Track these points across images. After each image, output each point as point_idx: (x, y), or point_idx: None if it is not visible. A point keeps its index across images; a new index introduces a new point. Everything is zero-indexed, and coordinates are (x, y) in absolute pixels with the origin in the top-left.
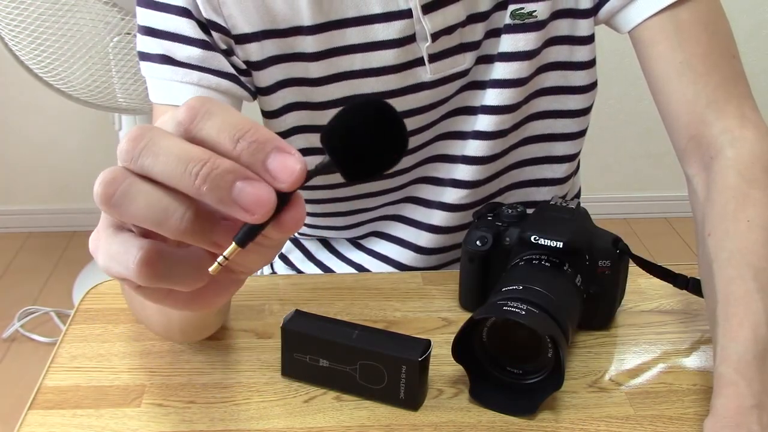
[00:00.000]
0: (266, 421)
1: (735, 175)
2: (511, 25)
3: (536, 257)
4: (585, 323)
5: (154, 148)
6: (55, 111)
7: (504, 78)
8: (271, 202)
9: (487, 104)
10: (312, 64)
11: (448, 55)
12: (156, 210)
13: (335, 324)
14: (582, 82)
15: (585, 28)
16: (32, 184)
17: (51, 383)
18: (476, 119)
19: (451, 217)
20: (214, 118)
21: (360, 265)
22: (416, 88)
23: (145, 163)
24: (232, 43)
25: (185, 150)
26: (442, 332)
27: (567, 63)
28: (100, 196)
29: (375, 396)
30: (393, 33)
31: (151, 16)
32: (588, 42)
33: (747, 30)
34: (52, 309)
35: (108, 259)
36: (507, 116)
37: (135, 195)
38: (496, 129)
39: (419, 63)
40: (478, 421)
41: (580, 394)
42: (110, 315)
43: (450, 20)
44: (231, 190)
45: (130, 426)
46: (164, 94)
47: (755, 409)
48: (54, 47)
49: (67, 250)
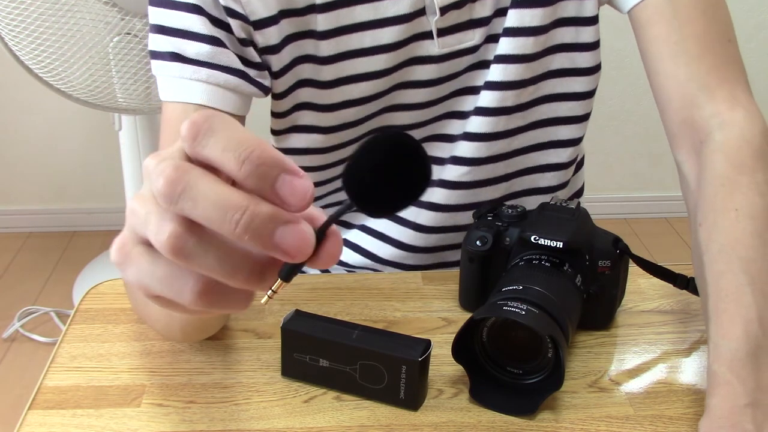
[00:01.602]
0: (266, 421)
1: (723, 160)
2: (517, 0)
3: (536, 257)
4: (585, 323)
5: (191, 193)
6: (55, 111)
7: (508, 53)
8: (311, 244)
9: (490, 80)
10: (322, 42)
11: (457, 30)
12: (225, 266)
13: (335, 324)
14: (587, 63)
15: (589, 9)
16: (32, 184)
17: (51, 383)
18: (479, 96)
19: (452, 195)
20: (217, 135)
21: (358, 245)
22: (423, 61)
23: (185, 207)
24: (251, 29)
25: (224, 196)
26: (442, 332)
27: (573, 44)
28: (167, 249)
29: (375, 396)
30: (403, 8)
31: (162, 14)
32: (593, 23)
33: (747, 30)
34: (52, 309)
35: (148, 278)
36: (510, 93)
37: (207, 248)
38: (499, 105)
39: (428, 36)
40: (478, 421)
41: (580, 394)
42: (110, 315)
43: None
44: (272, 237)
45: (130, 426)
46: (174, 92)
47: (749, 408)
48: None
49: (67, 250)
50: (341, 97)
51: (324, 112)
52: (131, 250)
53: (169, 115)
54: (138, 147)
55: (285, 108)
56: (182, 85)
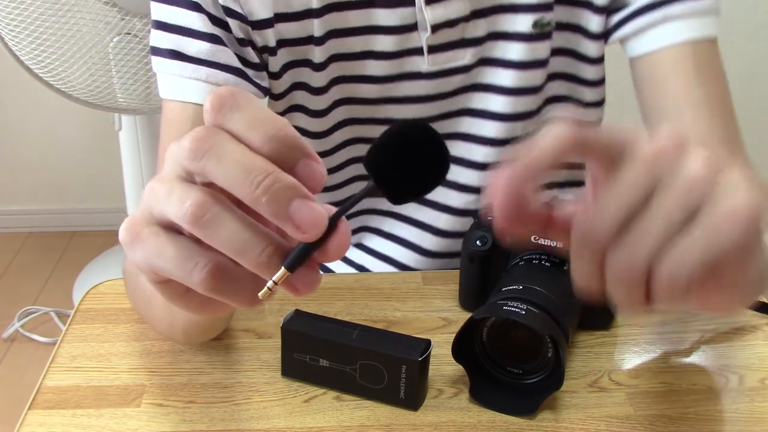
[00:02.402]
0: (266, 421)
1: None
2: (531, 35)
3: (536, 257)
4: (585, 323)
5: (219, 151)
6: (55, 111)
7: (520, 86)
8: (324, 223)
9: (500, 111)
10: (316, 48)
11: (448, 49)
12: (237, 241)
13: (335, 324)
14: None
15: (593, 50)
16: (32, 184)
17: (51, 383)
18: (483, 124)
19: (457, 222)
20: (242, 111)
21: (361, 266)
22: (413, 77)
23: (208, 164)
24: (250, 30)
25: (250, 158)
26: (442, 332)
27: (573, 76)
28: (189, 217)
29: (375, 396)
30: (395, 20)
31: (162, 10)
32: (596, 62)
33: (747, 30)
34: (52, 309)
35: (157, 257)
36: (518, 124)
37: (224, 220)
38: (507, 136)
39: (418, 52)
40: (478, 421)
41: (580, 394)
42: (110, 315)
43: (451, 14)
44: (288, 206)
45: (130, 426)
46: (172, 90)
47: None
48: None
49: (67, 250)
50: (331, 102)
51: (315, 117)
52: (142, 230)
53: (169, 114)
54: (138, 147)
55: (279, 110)
56: (182, 84)
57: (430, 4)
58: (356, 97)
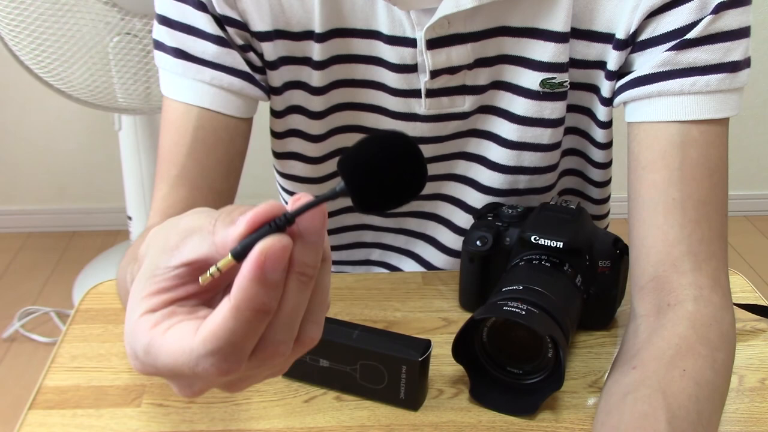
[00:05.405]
0: (266, 421)
1: (688, 326)
2: (538, 92)
3: (536, 257)
4: (585, 323)
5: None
6: (55, 111)
7: (521, 141)
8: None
9: (498, 162)
10: (316, 72)
11: (447, 94)
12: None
13: (335, 324)
14: (600, 159)
15: (603, 113)
16: (32, 184)
17: (51, 383)
18: (480, 170)
19: (447, 262)
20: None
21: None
22: (409, 117)
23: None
24: (249, 37)
25: None
26: (442, 332)
27: (585, 133)
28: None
29: (375, 396)
30: (396, 57)
31: (167, 5)
32: (605, 126)
33: None
34: (52, 309)
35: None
36: (517, 176)
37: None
38: (503, 187)
39: (416, 94)
40: (478, 421)
41: (580, 394)
42: (110, 315)
43: (455, 61)
44: None
45: (130, 426)
46: (175, 89)
47: None
48: (54, 47)
49: (67, 250)
50: (329, 128)
51: (310, 141)
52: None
53: (170, 113)
54: (138, 147)
55: (279, 130)
56: (185, 85)
57: (431, 49)
58: (354, 125)
